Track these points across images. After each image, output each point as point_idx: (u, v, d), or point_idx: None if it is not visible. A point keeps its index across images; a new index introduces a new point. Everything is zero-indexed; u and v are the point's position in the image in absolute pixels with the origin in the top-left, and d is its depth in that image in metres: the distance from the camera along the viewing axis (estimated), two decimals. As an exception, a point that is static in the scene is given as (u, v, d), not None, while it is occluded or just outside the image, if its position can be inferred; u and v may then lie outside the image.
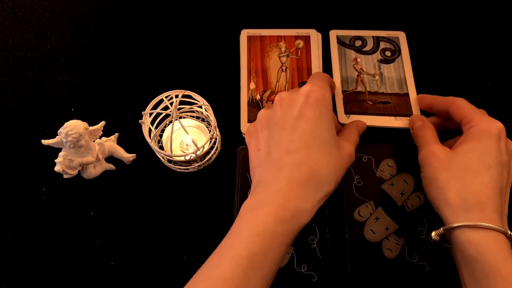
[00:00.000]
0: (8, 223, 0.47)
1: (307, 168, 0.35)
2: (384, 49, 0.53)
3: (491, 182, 0.37)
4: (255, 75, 0.53)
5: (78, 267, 0.45)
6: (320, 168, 0.36)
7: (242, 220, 0.34)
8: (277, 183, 0.35)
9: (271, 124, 0.39)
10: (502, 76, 0.53)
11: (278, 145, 0.37)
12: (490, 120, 0.40)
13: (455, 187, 0.37)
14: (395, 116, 0.49)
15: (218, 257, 0.33)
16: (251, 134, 0.41)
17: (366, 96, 0.51)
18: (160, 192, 0.48)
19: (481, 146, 0.38)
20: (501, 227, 0.35)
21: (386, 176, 0.47)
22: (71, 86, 0.53)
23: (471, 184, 0.37)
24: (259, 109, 0.51)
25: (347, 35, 0.54)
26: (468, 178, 0.37)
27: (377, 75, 0.52)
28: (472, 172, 0.37)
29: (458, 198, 0.37)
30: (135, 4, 0.58)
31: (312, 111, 0.37)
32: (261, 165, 0.38)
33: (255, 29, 0.55)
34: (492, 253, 0.34)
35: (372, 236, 0.44)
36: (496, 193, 0.37)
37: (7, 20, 0.57)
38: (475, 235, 0.35)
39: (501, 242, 0.35)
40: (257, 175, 0.38)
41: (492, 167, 0.37)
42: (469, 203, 0.36)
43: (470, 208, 0.36)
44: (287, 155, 0.36)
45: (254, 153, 0.39)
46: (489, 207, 0.36)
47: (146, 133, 0.44)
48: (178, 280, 0.44)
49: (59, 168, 0.43)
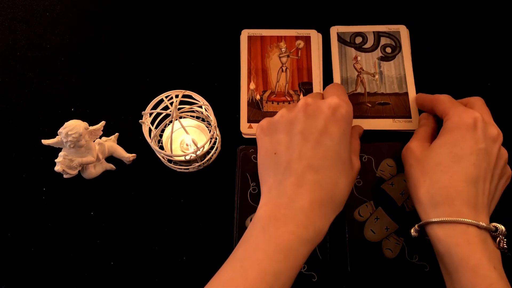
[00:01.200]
0: (8, 223, 0.47)
1: (328, 189, 0.35)
2: (385, 45, 0.53)
3: (461, 175, 0.36)
4: (255, 75, 0.53)
5: (78, 267, 0.45)
6: (339, 190, 0.36)
7: (264, 232, 0.34)
8: (299, 200, 0.35)
9: (293, 130, 0.37)
10: (502, 76, 0.53)
11: (300, 157, 0.36)
12: (464, 111, 0.39)
13: (425, 184, 0.38)
14: (394, 118, 0.49)
15: (242, 270, 0.32)
16: (265, 132, 0.39)
17: (366, 98, 0.51)
18: (160, 192, 0.48)
19: (452, 139, 0.38)
20: (471, 219, 0.35)
21: (386, 176, 0.47)
22: (71, 86, 0.53)
23: (440, 180, 0.37)
24: (259, 109, 0.51)
25: (348, 32, 0.54)
26: (438, 174, 0.37)
27: (376, 74, 0.52)
28: (441, 167, 0.37)
29: (427, 194, 0.37)
30: (135, 4, 0.58)
31: (337, 128, 0.37)
32: (277, 172, 0.37)
33: (256, 29, 0.55)
34: (459, 247, 0.34)
35: (372, 236, 0.44)
36: (468, 185, 0.36)
37: (7, 20, 0.57)
38: (441, 231, 0.35)
39: (469, 234, 0.35)
40: (271, 179, 0.37)
41: (464, 159, 0.37)
42: (436, 198, 0.37)
43: (438, 204, 0.36)
44: (310, 172, 0.35)
45: (268, 154, 0.38)
46: (457, 200, 0.36)
47: (146, 133, 0.44)
48: (178, 280, 0.44)
49: (59, 168, 0.43)
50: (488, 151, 0.38)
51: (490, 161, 0.37)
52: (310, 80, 0.52)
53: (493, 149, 0.38)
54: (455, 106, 0.41)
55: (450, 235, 0.35)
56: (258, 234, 0.34)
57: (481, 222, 0.35)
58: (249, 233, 0.35)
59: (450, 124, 0.39)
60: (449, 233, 0.35)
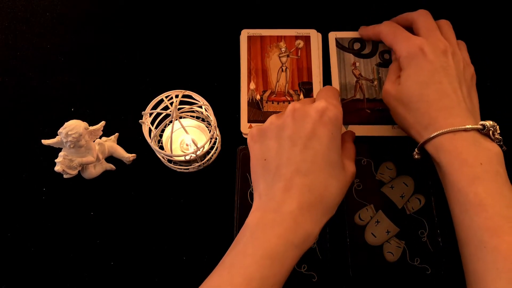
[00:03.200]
0: (8, 223, 0.47)
1: (317, 193, 0.35)
2: (383, 51, 0.53)
3: (434, 95, 0.40)
4: (255, 75, 0.53)
5: (78, 267, 0.45)
6: (329, 193, 0.36)
7: (253, 238, 0.34)
8: (287, 205, 0.34)
9: (282, 136, 0.38)
10: (502, 76, 0.53)
11: (289, 162, 0.36)
12: (407, 42, 0.43)
13: (410, 115, 0.41)
14: (393, 125, 0.49)
15: (229, 275, 0.33)
16: (255, 139, 0.40)
17: (365, 104, 0.51)
18: (160, 192, 0.48)
19: (411, 70, 0.42)
20: (456, 126, 0.37)
21: (386, 179, 0.47)
22: (71, 86, 0.53)
23: (420, 107, 0.40)
24: (259, 109, 0.51)
25: (346, 37, 0.54)
26: (416, 104, 0.41)
27: (375, 80, 0.52)
28: (416, 97, 0.41)
29: (415, 121, 0.41)
30: (135, 4, 0.58)
31: (325, 131, 0.37)
32: (267, 178, 0.37)
33: (255, 29, 0.55)
34: (447, 153, 0.37)
35: (373, 240, 0.44)
36: (443, 101, 0.39)
37: (7, 20, 0.57)
38: (432, 146, 0.39)
39: (456, 140, 0.37)
40: (261, 185, 0.37)
41: (429, 83, 0.40)
42: (424, 122, 0.40)
43: (426, 126, 0.39)
44: (298, 176, 0.35)
45: (259, 161, 0.38)
46: (440, 117, 0.39)
47: (146, 133, 0.44)
48: (178, 280, 0.44)
49: (59, 168, 0.43)
50: (444, 66, 0.41)
51: (451, 73, 0.41)
52: (310, 79, 0.52)
53: (448, 61, 0.41)
54: (397, 40, 0.45)
55: (440, 147, 0.38)
56: (246, 240, 0.34)
57: (467, 126, 0.37)
58: (238, 240, 0.35)
59: (403, 61, 0.43)
60: (439, 145, 0.38)
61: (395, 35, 0.45)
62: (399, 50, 0.44)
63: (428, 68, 0.41)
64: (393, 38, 0.45)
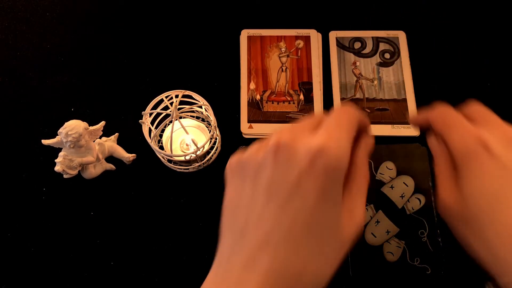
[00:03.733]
0: (8, 223, 0.47)
1: (291, 275, 0.25)
2: (384, 51, 0.53)
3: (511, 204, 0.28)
4: (255, 75, 0.53)
5: (78, 267, 0.45)
6: (310, 275, 0.26)
7: None
8: (250, 285, 0.25)
9: (258, 181, 0.27)
10: (502, 76, 0.53)
11: (258, 223, 0.26)
12: (463, 134, 0.31)
13: (483, 243, 0.29)
14: (392, 124, 0.49)
15: None
16: (233, 173, 0.30)
17: (365, 104, 0.51)
18: (160, 192, 0.48)
19: (474, 176, 0.30)
20: None
21: (386, 179, 0.47)
22: (71, 86, 0.53)
23: (492, 237, 0.29)
24: (259, 109, 0.51)
25: (347, 37, 0.54)
26: (489, 225, 0.29)
27: (375, 80, 0.52)
28: (486, 214, 0.29)
29: (488, 255, 0.29)
30: (135, 4, 0.58)
31: (314, 185, 0.26)
32: (234, 233, 0.28)
33: (255, 29, 0.55)
34: None
35: (373, 240, 0.44)
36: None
37: (7, 20, 0.57)
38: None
39: None
40: (227, 239, 0.28)
41: (501, 193, 0.29)
42: (500, 258, 0.28)
43: (505, 267, 0.28)
44: (266, 250, 0.25)
45: (232, 204, 0.29)
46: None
47: (146, 133, 0.44)
48: (178, 280, 0.44)
49: (59, 168, 0.43)
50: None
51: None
52: (310, 79, 0.52)
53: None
54: (448, 127, 0.33)
55: None
56: None
57: None
58: None
59: (459, 158, 0.31)
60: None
61: (445, 121, 0.33)
62: (452, 142, 0.32)
63: (496, 173, 0.29)
64: (443, 125, 0.33)
